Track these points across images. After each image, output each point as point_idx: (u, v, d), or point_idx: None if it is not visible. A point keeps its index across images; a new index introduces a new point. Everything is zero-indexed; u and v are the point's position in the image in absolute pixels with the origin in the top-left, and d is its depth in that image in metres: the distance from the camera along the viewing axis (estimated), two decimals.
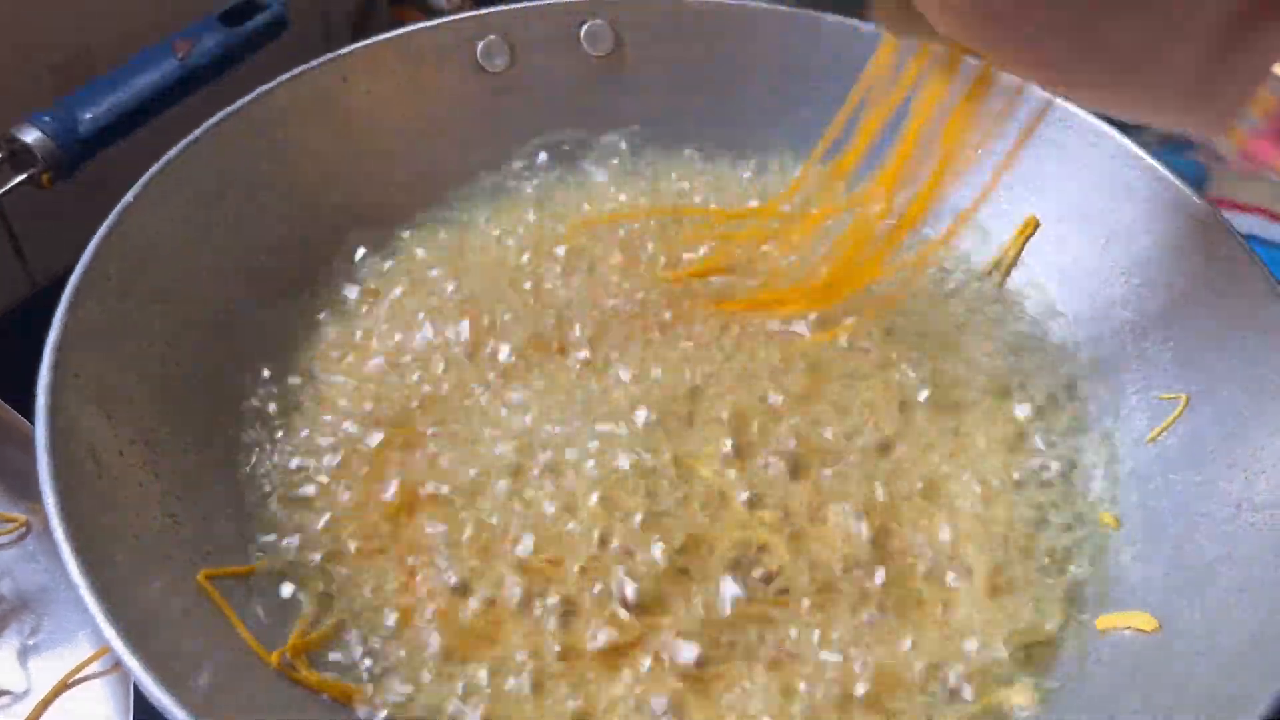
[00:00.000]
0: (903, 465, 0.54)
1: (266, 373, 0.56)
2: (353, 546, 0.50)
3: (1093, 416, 0.57)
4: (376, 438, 0.54)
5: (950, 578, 0.50)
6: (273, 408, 0.55)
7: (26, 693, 0.53)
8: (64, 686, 0.52)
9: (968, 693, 0.47)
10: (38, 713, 0.51)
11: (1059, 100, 0.61)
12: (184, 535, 0.48)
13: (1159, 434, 0.54)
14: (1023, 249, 0.63)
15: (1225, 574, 0.47)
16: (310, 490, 0.52)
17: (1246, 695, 0.41)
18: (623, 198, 0.65)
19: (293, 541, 0.50)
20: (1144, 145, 0.89)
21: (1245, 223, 0.81)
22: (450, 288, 0.60)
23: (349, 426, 0.54)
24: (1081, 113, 0.61)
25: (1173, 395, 0.55)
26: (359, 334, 0.58)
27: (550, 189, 0.66)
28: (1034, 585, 0.51)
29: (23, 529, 0.58)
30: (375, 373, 0.57)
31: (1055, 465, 0.55)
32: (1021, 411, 0.57)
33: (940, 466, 0.54)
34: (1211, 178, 0.88)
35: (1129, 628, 0.48)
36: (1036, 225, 0.63)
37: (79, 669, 0.53)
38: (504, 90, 0.66)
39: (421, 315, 0.59)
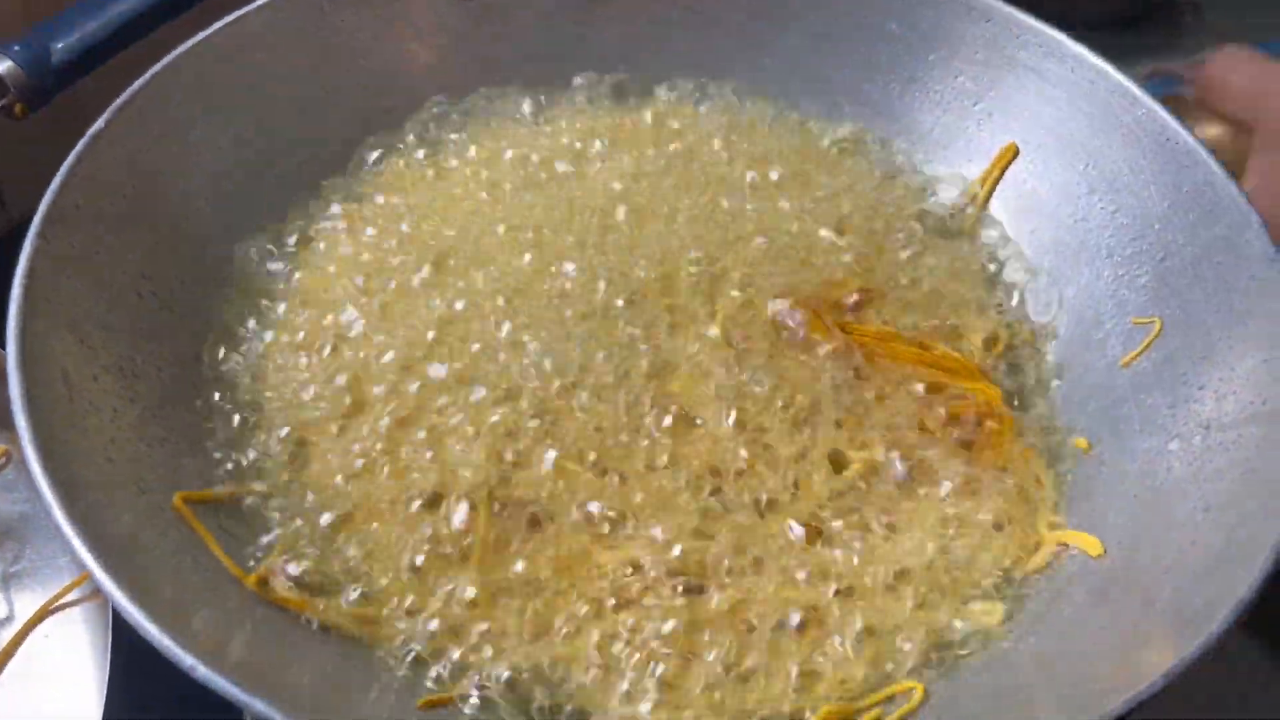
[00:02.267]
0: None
1: (239, 299, 0.56)
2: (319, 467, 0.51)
3: (1067, 340, 0.57)
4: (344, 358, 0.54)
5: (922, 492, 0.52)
6: (246, 333, 0.55)
7: (9, 619, 0.54)
8: (45, 613, 0.53)
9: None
10: (20, 638, 0.52)
11: (1036, 25, 0.61)
12: (158, 460, 0.48)
13: (1134, 358, 0.55)
14: (1002, 175, 0.62)
15: (1193, 493, 0.48)
16: (280, 410, 0.53)
17: (1209, 608, 0.41)
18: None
19: (266, 464, 0.51)
20: (1133, 78, 0.89)
21: None
22: (423, 225, 0.59)
23: (317, 355, 0.55)
24: (1061, 38, 0.60)
25: (1147, 319, 0.55)
26: (332, 267, 0.58)
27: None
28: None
29: (4, 458, 0.58)
30: (342, 297, 0.57)
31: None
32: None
33: None
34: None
35: (1078, 549, 0.49)
36: (1016, 152, 0.62)
37: (60, 595, 0.54)
38: (484, 19, 0.65)
39: (394, 244, 0.58)
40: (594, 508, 0.49)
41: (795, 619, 0.47)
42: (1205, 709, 0.57)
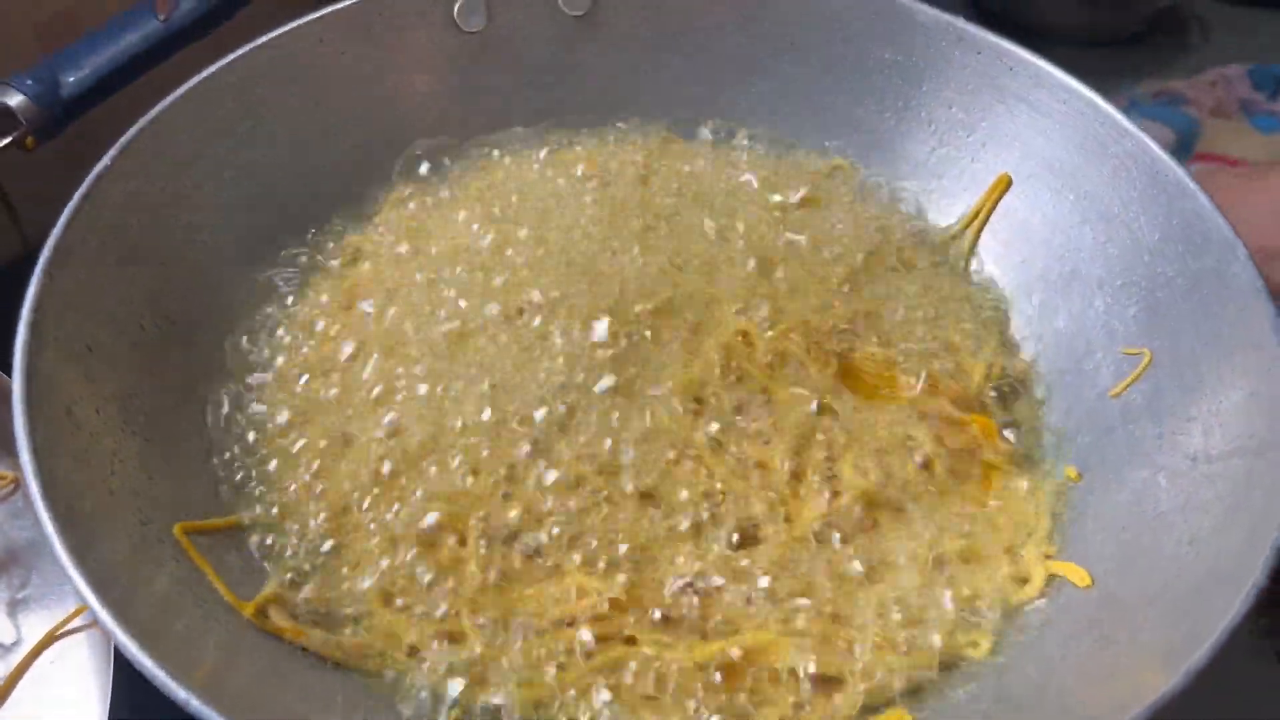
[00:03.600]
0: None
1: (243, 334, 0.57)
2: (322, 509, 0.52)
3: (1058, 370, 0.58)
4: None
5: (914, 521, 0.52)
6: (249, 366, 0.56)
7: (16, 644, 0.55)
8: (51, 639, 0.54)
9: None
10: (27, 663, 0.53)
11: (1027, 57, 0.61)
12: (159, 490, 0.49)
13: (1123, 389, 0.55)
14: (995, 206, 0.63)
15: (1179, 525, 0.48)
16: (286, 445, 0.54)
17: (1190, 641, 0.42)
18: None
19: (266, 495, 0.52)
20: (1137, 99, 0.89)
21: None
22: (418, 260, 0.60)
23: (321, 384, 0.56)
24: (1052, 70, 0.61)
25: (1136, 350, 0.55)
26: (328, 300, 0.59)
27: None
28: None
29: (12, 486, 0.59)
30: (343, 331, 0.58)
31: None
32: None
33: None
34: (1202, 132, 0.87)
35: (1066, 579, 0.50)
36: (1009, 183, 0.63)
37: (66, 622, 0.55)
38: (480, 51, 0.66)
39: (396, 274, 0.59)
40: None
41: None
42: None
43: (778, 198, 0.63)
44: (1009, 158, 0.63)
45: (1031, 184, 0.62)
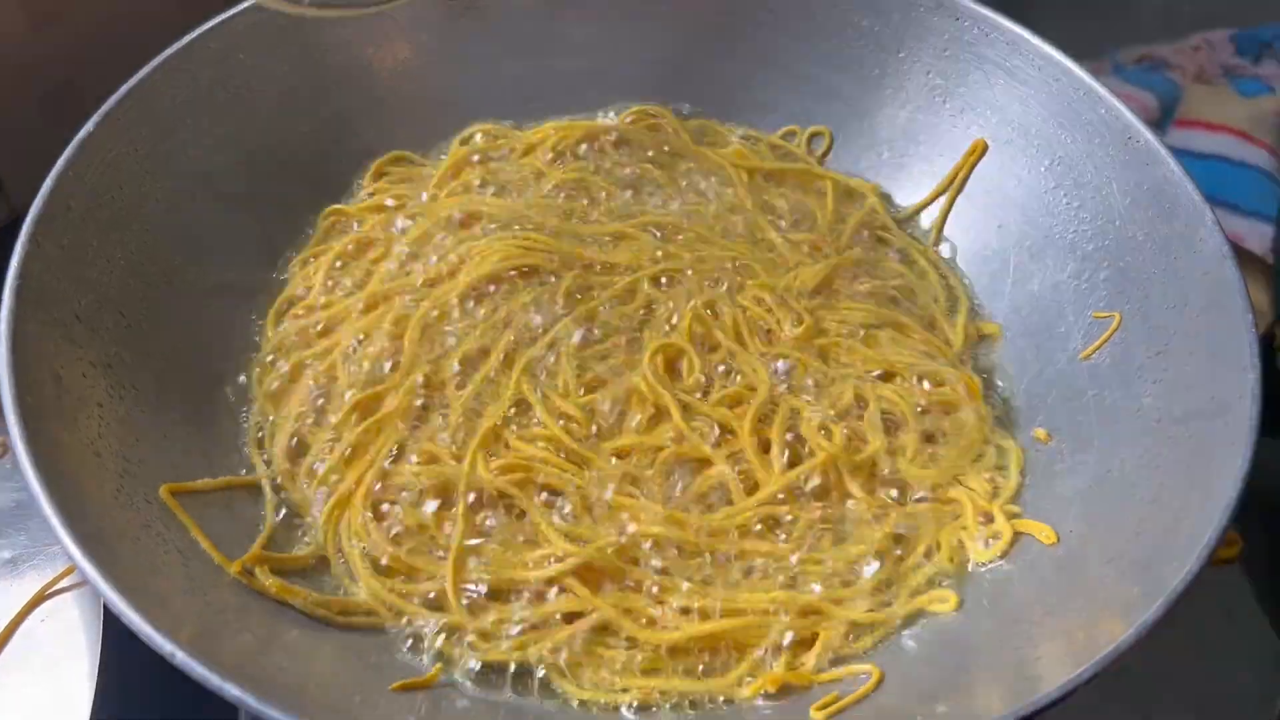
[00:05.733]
0: None
1: (228, 298, 0.58)
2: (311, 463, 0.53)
3: (1030, 332, 0.59)
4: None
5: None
6: (234, 331, 0.57)
7: (6, 604, 0.56)
8: (41, 598, 0.55)
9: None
10: (14, 625, 0.54)
11: (1004, 23, 0.62)
12: (145, 453, 0.50)
13: (1093, 351, 0.56)
14: (971, 171, 0.64)
15: (1142, 484, 0.50)
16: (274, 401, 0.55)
17: (1146, 599, 0.43)
18: None
19: (257, 455, 0.53)
20: (1120, 64, 0.90)
21: (1214, 143, 0.81)
22: (405, 223, 0.61)
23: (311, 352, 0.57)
24: (1029, 36, 0.61)
25: (1106, 314, 0.56)
26: (312, 265, 0.60)
27: None
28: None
29: (1, 449, 0.60)
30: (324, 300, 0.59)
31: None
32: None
33: None
34: (1183, 97, 0.88)
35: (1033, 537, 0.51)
36: (985, 148, 0.64)
37: (55, 581, 0.55)
38: (464, 20, 0.66)
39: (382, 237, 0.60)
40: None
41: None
42: None
43: (753, 165, 0.64)
44: (985, 124, 0.64)
45: (1007, 150, 0.63)
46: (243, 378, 0.56)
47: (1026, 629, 0.47)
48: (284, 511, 0.52)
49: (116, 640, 0.52)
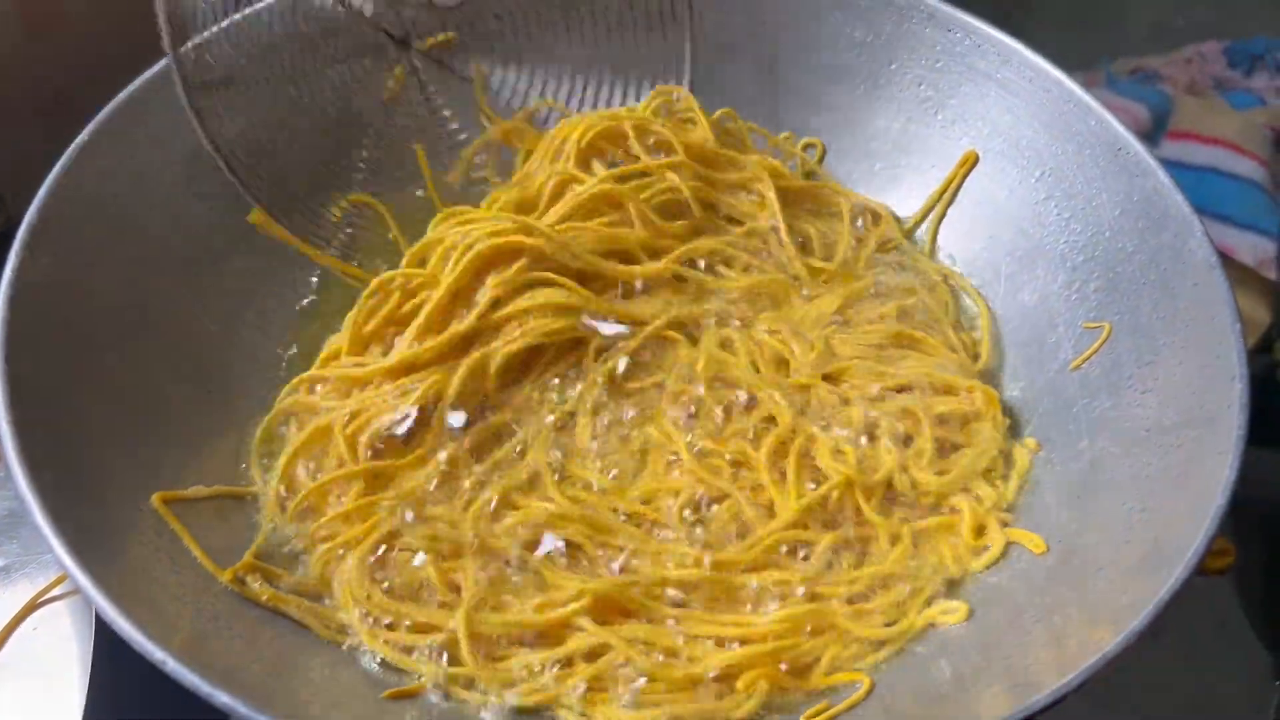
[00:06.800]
0: None
1: (222, 308, 0.58)
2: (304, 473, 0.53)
3: (1022, 343, 0.59)
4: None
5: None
6: (232, 340, 0.57)
7: None
8: (33, 607, 0.55)
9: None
10: (6, 633, 0.54)
11: (996, 35, 0.62)
12: (139, 460, 0.50)
13: (1083, 361, 0.56)
14: (963, 182, 0.64)
15: (1131, 494, 0.50)
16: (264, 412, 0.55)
17: (1133, 607, 0.43)
18: None
19: (251, 466, 0.54)
20: (1113, 75, 0.90)
21: (1207, 155, 0.82)
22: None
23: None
24: (1020, 48, 0.62)
25: (1097, 324, 0.57)
26: (314, 279, 0.61)
27: None
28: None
29: None
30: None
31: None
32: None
33: None
34: (1176, 109, 0.88)
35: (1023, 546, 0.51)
36: (976, 159, 0.64)
37: (47, 590, 0.56)
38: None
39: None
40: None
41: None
42: None
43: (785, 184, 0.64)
44: (976, 135, 0.64)
45: (998, 161, 0.63)
46: (240, 389, 0.56)
47: (1015, 637, 0.47)
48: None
49: (108, 648, 0.52)
